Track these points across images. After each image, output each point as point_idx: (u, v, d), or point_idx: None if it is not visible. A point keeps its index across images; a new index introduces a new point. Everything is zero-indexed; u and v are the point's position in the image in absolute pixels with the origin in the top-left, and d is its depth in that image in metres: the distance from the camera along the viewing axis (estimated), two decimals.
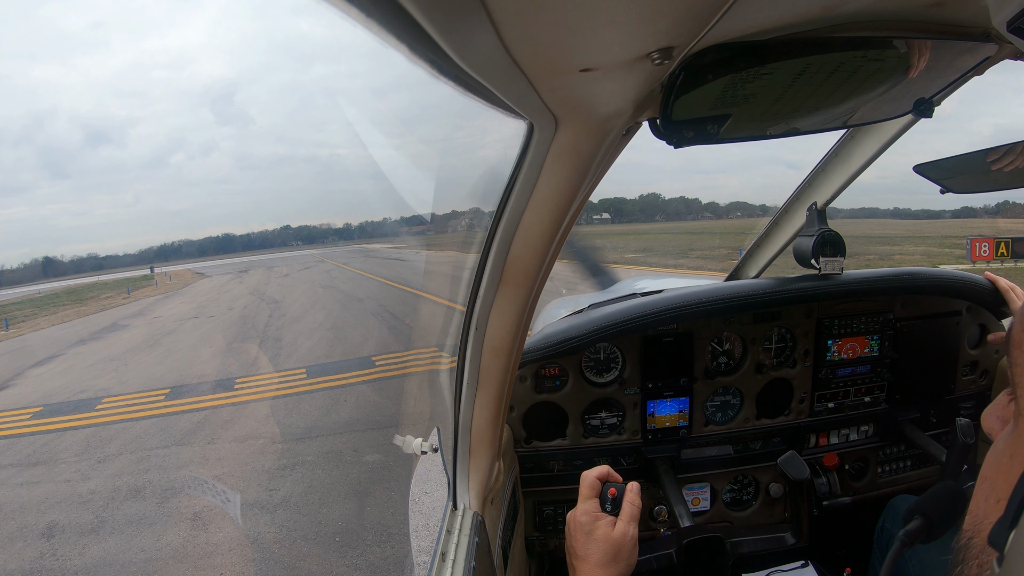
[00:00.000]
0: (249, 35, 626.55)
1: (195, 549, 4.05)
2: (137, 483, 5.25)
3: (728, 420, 1.73)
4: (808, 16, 0.48)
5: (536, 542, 1.74)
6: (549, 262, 0.95)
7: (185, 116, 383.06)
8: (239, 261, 64.48)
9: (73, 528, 4.57)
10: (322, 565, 3.77)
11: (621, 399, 1.68)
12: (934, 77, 0.62)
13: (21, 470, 5.91)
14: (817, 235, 1.66)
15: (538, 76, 0.47)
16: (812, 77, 0.54)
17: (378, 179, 18.64)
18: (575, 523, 0.99)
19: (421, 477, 3.11)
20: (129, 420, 7.17)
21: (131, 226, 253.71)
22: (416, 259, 26.71)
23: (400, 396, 7.01)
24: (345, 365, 8.61)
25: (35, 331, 18.59)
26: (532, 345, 1.59)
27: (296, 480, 4.90)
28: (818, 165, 1.70)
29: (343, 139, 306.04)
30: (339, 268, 31.25)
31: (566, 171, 0.71)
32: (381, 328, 11.72)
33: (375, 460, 5.14)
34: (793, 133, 0.68)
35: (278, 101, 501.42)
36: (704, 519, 1.77)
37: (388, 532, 3.99)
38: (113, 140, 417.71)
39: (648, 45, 0.43)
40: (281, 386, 7.88)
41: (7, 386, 10.11)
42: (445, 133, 0.84)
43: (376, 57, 6.68)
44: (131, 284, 35.66)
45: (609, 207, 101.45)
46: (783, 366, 1.73)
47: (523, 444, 1.67)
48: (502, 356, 1.05)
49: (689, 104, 0.54)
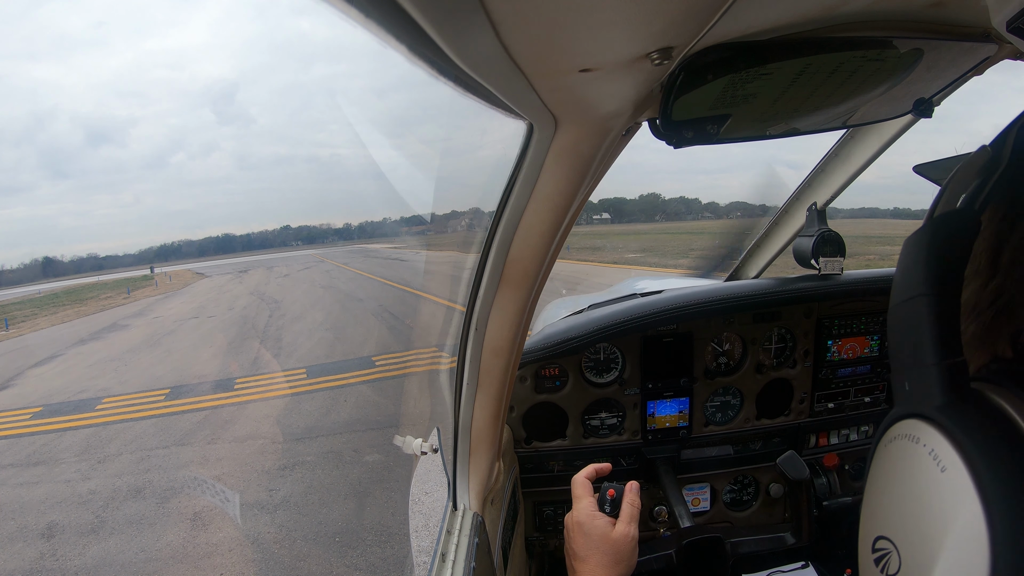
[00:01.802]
0: (250, 35, 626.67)
1: (195, 549, 4.05)
2: (137, 483, 5.25)
3: (728, 420, 1.73)
4: (808, 16, 0.48)
5: (536, 542, 1.74)
6: (549, 262, 0.95)
7: (186, 116, 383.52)
8: (239, 261, 64.49)
9: (73, 528, 4.57)
10: (322, 565, 3.77)
11: (621, 399, 1.68)
12: (934, 77, 0.62)
13: (21, 470, 5.91)
14: (817, 235, 1.67)
15: (537, 76, 0.47)
16: (812, 77, 0.54)
17: (378, 179, 18.64)
18: (574, 524, 0.99)
19: (421, 477, 3.11)
20: (129, 420, 7.17)
21: (131, 226, 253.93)
22: (416, 259, 26.71)
23: (400, 396, 7.01)
24: (345, 365, 8.61)
25: (35, 331, 18.59)
26: (532, 345, 1.59)
27: (296, 480, 4.90)
28: (818, 165, 1.70)
29: (344, 139, 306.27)
30: (339, 268, 31.25)
31: (566, 171, 0.71)
32: (381, 328, 11.72)
33: (375, 460, 5.14)
34: (793, 133, 0.68)
35: (279, 101, 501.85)
36: (704, 519, 1.77)
37: (388, 532, 3.99)
38: (114, 140, 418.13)
39: (648, 45, 0.43)
40: (281, 386, 7.88)
41: (7, 386, 10.11)
42: (445, 133, 0.84)
43: (376, 58, 6.73)
44: (131, 284, 35.67)
45: (609, 207, 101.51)
46: (783, 366, 1.73)
47: (523, 444, 1.67)
48: (502, 356, 1.05)
49: (689, 104, 0.54)
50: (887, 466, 0.35)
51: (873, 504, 0.37)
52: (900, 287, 0.36)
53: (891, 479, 0.34)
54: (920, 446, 0.31)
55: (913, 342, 0.34)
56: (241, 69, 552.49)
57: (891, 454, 0.34)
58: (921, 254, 0.35)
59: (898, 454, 0.34)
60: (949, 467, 0.29)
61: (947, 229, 0.35)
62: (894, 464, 0.34)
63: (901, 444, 0.33)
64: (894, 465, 0.34)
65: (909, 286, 0.35)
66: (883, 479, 0.36)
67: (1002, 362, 0.34)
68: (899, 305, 0.36)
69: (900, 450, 0.33)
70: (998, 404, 0.31)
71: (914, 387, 0.34)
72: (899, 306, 0.36)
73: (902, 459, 0.33)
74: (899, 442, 0.34)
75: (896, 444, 0.34)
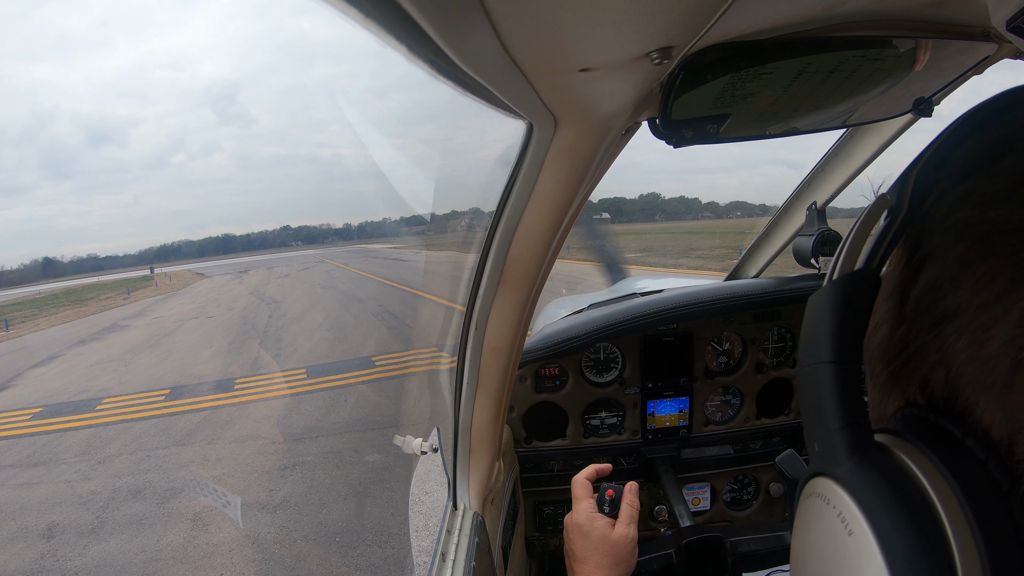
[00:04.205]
0: (251, 36, 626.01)
1: (195, 549, 4.05)
2: (137, 483, 5.26)
3: (728, 420, 1.73)
4: (808, 16, 0.48)
5: (536, 542, 1.74)
6: (549, 262, 0.95)
7: (187, 116, 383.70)
8: (239, 261, 64.50)
9: (73, 529, 4.57)
10: (322, 565, 3.78)
11: (621, 399, 1.68)
12: (933, 76, 0.62)
13: (21, 471, 5.91)
14: (817, 235, 1.67)
15: (537, 76, 0.47)
16: (812, 76, 0.54)
17: (378, 179, 18.58)
18: (573, 525, 0.99)
19: (421, 477, 3.11)
20: (129, 421, 7.18)
21: (131, 226, 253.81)
22: (416, 259, 26.72)
23: (400, 396, 7.02)
24: (345, 365, 8.62)
25: (35, 332, 18.59)
26: (532, 345, 1.59)
27: (296, 480, 4.90)
28: (818, 165, 1.70)
29: (344, 139, 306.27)
30: (339, 268, 31.26)
31: (566, 171, 0.71)
32: (381, 328, 11.73)
33: (375, 460, 5.14)
34: (793, 133, 0.68)
35: (279, 101, 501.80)
36: (704, 519, 1.77)
37: (388, 532, 3.99)
38: (114, 140, 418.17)
39: (647, 45, 0.43)
40: (281, 386, 7.88)
41: (7, 387, 10.11)
42: (444, 133, 0.84)
43: (376, 58, 6.66)
44: (131, 284, 35.68)
45: (609, 207, 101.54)
46: (783, 366, 1.73)
47: (523, 444, 1.67)
48: (502, 356, 1.05)
49: (688, 104, 0.54)
50: (804, 522, 0.36)
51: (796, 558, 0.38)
52: (805, 351, 0.37)
53: (807, 537, 0.35)
54: (830, 507, 0.32)
55: (818, 406, 0.35)
56: (242, 69, 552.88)
57: (807, 511, 0.36)
58: (823, 320, 0.35)
59: (813, 512, 0.35)
60: (856, 531, 0.30)
61: (845, 292, 0.35)
62: (809, 522, 0.35)
63: (815, 502, 0.34)
64: (809, 523, 0.35)
65: (812, 352, 0.36)
66: (801, 536, 0.37)
67: (914, 407, 0.35)
68: (805, 371, 0.36)
69: (814, 508, 0.34)
70: (903, 463, 0.31)
71: (822, 448, 0.35)
72: (805, 371, 0.36)
73: (815, 518, 0.34)
74: (813, 500, 0.35)
75: (811, 501, 0.35)
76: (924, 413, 0.33)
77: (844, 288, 0.35)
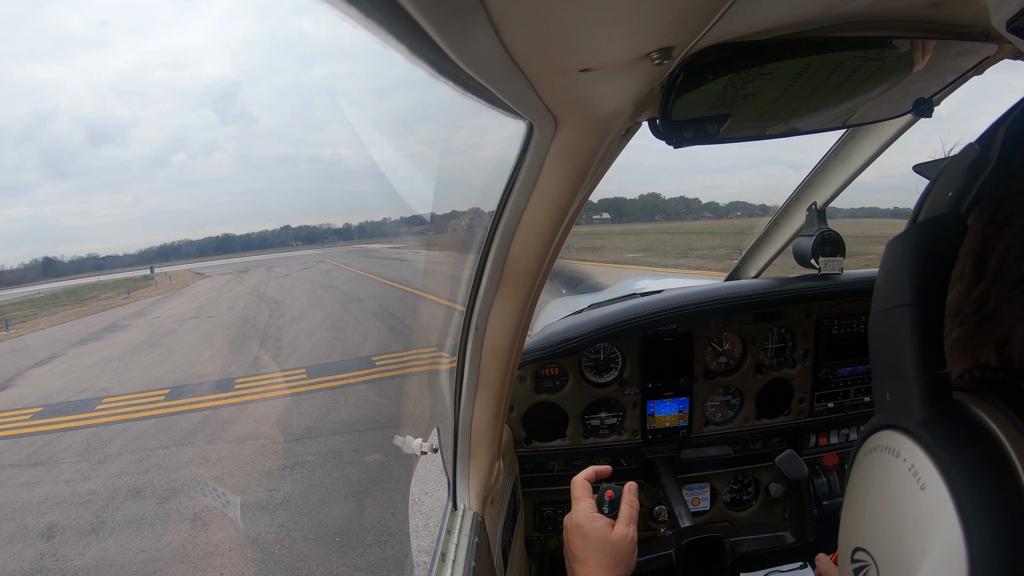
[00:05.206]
0: (252, 35, 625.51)
1: (195, 549, 4.05)
2: (137, 483, 5.25)
3: (728, 420, 1.73)
4: (808, 16, 0.48)
5: (536, 542, 1.74)
6: (549, 262, 0.95)
7: (187, 116, 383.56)
8: (239, 261, 64.48)
9: (73, 528, 4.57)
10: (322, 565, 3.77)
11: (621, 399, 1.68)
12: (933, 77, 0.62)
13: (21, 470, 5.91)
14: (817, 235, 1.67)
15: (537, 76, 0.47)
16: (812, 77, 0.54)
17: (378, 179, 18.62)
18: (573, 526, 0.99)
19: (421, 477, 3.11)
20: (129, 420, 7.17)
21: (131, 226, 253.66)
22: (416, 259, 26.72)
23: (400, 396, 7.01)
24: (345, 365, 8.61)
25: (35, 331, 18.59)
26: (532, 345, 1.59)
27: (296, 480, 4.90)
28: (818, 165, 1.70)
29: (344, 139, 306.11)
30: (339, 268, 31.25)
31: (566, 171, 0.71)
32: (381, 328, 11.72)
33: (375, 460, 5.14)
34: (793, 133, 0.68)
35: (280, 101, 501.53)
36: (704, 519, 1.77)
37: (388, 532, 3.99)
38: (115, 140, 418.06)
39: (648, 45, 0.43)
40: (281, 386, 7.88)
41: (7, 386, 10.11)
42: (445, 133, 0.84)
43: (377, 58, 6.67)
44: (131, 284, 35.67)
45: (609, 207, 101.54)
46: (783, 366, 1.73)
47: (523, 444, 1.67)
48: (502, 356, 1.05)
49: (689, 104, 0.54)
50: (867, 476, 0.35)
51: (853, 514, 0.36)
52: (882, 294, 0.35)
53: (870, 491, 0.34)
54: (900, 460, 0.31)
55: (894, 353, 0.33)
56: (243, 69, 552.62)
57: (871, 464, 0.34)
58: (904, 261, 0.33)
59: (878, 465, 0.33)
60: (929, 485, 0.29)
61: (932, 234, 0.33)
62: (874, 475, 0.34)
63: (881, 456, 0.33)
64: (874, 477, 0.34)
65: (891, 294, 0.34)
66: (863, 490, 0.35)
67: (986, 370, 0.33)
68: (881, 313, 0.34)
69: (880, 462, 0.33)
70: (980, 419, 0.30)
71: (895, 398, 0.33)
72: (881, 314, 0.34)
73: (882, 472, 0.33)
74: (879, 453, 0.33)
75: (876, 455, 0.33)
76: (997, 375, 0.32)
77: (930, 228, 0.33)
